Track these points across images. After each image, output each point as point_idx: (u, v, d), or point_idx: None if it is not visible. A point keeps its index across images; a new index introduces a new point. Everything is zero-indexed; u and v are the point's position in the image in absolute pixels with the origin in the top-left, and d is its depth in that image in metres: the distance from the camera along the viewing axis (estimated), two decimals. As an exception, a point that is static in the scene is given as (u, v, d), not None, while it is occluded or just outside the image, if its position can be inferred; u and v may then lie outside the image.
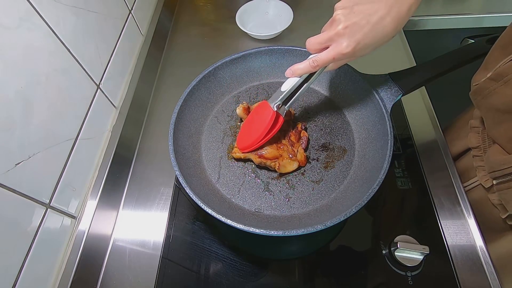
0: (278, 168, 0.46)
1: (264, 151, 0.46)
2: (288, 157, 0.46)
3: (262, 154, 0.46)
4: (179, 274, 0.46)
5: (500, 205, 0.44)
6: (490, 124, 0.44)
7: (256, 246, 0.49)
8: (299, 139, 0.49)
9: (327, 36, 0.37)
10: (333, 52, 0.37)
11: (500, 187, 0.41)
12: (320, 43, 0.37)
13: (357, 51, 0.36)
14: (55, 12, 0.41)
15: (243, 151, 0.48)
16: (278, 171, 0.46)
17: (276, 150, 0.46)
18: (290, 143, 0.48)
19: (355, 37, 0.35)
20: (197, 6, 0.86)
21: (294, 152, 0.47)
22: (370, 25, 0.34)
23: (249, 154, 0.47)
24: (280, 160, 0.46)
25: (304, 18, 0.78)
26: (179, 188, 0.54)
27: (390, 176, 0.53)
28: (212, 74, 0.53)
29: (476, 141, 0.49)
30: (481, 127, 0.49)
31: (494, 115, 0.42)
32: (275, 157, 0.46)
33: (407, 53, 0.71)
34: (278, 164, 0.46)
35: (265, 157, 0.46)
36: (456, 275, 0.44)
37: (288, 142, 0.48)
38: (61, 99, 0.43)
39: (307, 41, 0.39)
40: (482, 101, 0.44)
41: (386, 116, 0.45)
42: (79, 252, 0.44)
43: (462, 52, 0.49)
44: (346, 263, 0.46)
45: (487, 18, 0.80)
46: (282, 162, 0.46)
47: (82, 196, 0.48)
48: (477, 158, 0.48)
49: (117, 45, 0.58)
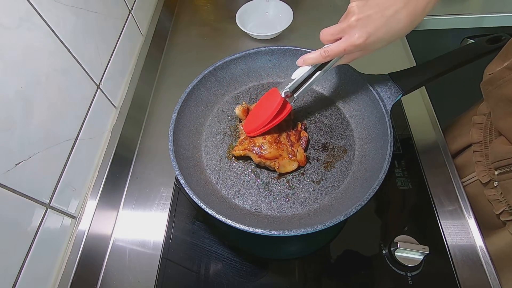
0: (277, 168, 0.46)
1: (264, 151, 0.46)
2: (287, 157, 0.47)
3: (262, 154, 0.46)
4: (179, 274, 0.46)
5: (495, 201, 0.44)
6: (498, 115, 0.44)
7: (256, 246, 0.49)
8: (299, 139, 0.49)
9: (339, 27, 0.37)
10: (344, 43, 0.37)
11: (503, 177, 0.42)
12: (333, 34, 0.37)
13: (368, 44, 0.36)
14: (55, 12, 0.41)
15: (248, 134, 0.48)
16: (278, 171, 0.46)
17: (276, 150, 0.46)
18: (290, 143, 0.48)
19: (367, 29, 0.35)
20: (197, 6, 0.86)
21: (293, 152, 0.47)
22: (384, 19, 0.34)
23: (249, 153, 0.47)
24: (279, 160, 0.46)
25: (304, 18, 0.78)
26: (179, 188, 0.54)
27: (390, 176, 0.53)
28: (212, 74, 0.53)
29: (478, 136, 0.49)
30: (484, 123, 0.49)
31: (504, 106, 0.42)
32: (274, 157, 0.46)
33: (407, 53, 0.71)
34: (278, 164, 0.46)
35: (264, 157, 0.46)
36: (456, 275, 0.44)
37: (288, 142, 0.48)
38: (61, 99, 0.43)
39: (320, 32, 0.39)
40: (493, 92, 0.44)
41: (386, 116, 0.45)
42: (79, 252, 0.44)
43: (462, 52, 0.49)
44: (346, 263, 0.46)
45: (487, 18, 0.80)
46: (282, 162, 0.46)
47: (82, 196, 0.48)
48: (477, 153, 0.49)
49: (117, 45, 0.58)
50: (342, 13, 0.38)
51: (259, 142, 0.47)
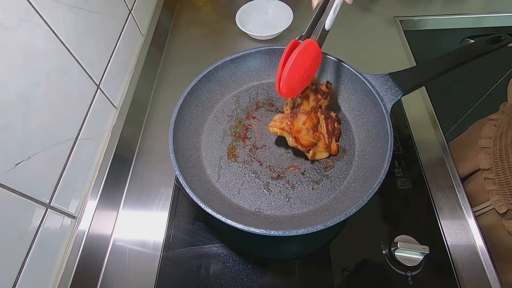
0: (310, 156, 0.47)
1: (301, 138, 0.46)
2: (322, 147, 0.47)
3: (298, 140, 0.46)
4: (179, 274, 0.46)
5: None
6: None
7: (256, 246, 0.49)
8: (334, 129, 0.50)
9: None
10: None
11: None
12: None
13: None
14: (55, 12, 0.41)
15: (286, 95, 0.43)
16: (310, 158, 0.47)
17: (313, 138, 0.47)
18: (328, 132, 0.48)
19: None
20: (197, 6, 0.86)
21: (329, 143, 0.48)
22: None
23: (285, 134, 0.46)
24: (314, 149, 0.47)
25: (304, 18, 0.77)
26: (179, 188, 0.54)
27: (390, 176, 0.53)
28: (212, 74, 0.53)
29: (487, 162, 0.47)
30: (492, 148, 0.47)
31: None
32: (310, 144, 0.47)
33: (407, 53, 0.71)
34: (312, 152, 0.47)
35: (300, 143, 0.46)
36: (456, 275, 0.44)
37: (326, 131, 0.48)
38: (61, 99, 0.43)
39: None
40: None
41: (386, 116, 0.45)
42: (79, 252, 0.44)
43: (462, 52, 0.49)
44: (346, 263, 0.46)
45: (487, 18, 0.80)
46: (316, 151, 0.47)
47: (82, 196, 0.48)
48: (490, 181, 0.47)
49: (117, 45, 0.58)
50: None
51: (298, 126, 0.46)
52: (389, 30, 0.77)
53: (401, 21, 0.79)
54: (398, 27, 0.77)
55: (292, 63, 0.40)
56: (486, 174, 0.47)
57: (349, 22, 0.79)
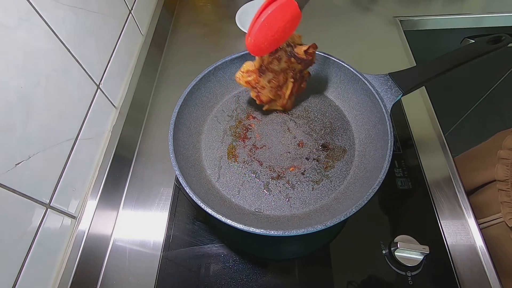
0: (265, 108, 0.50)
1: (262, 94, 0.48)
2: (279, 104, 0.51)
3: (259, 95, 0.48)
4: (179, 274, 0.46)
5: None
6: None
7: (256, 246, 0.49)
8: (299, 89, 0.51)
9: None
10: None
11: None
12: None
13: None
14: (55, 12, 0.41)
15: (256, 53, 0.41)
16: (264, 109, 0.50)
17: (273, 97, 0.49)
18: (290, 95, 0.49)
19: None
20: (197, 6, 0.86)
21: (285, 103, 0.50)
22: None
23: (250, 87, 0.48)
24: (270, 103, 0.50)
25: (304, 18, 0.77)
26: (179, 188, 0.54)
27: (390, 176, 0.53)
28: (212, 74, 0.53)
29: (504, 174, 0.46)
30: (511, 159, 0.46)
31: None
32: (268, 101, 0.49)
33: (407, 53, 0.71)
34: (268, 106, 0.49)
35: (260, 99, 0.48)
36: (456, 275, 0.44)
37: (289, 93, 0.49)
38: (61, 99, 0.43)
39: None
40: None
41: (386, 116, 0.45)
42: (79, 252, 0.44)
43: (462, 52, 0.49)
44: (346, 263, 0.46)
45: (487, 18, 0.80)
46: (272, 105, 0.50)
47: (82, 196, 0.48)
48: (503, 192, 0.46)
49: (117, 45, 0.58)
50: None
51: (263, 83, 0.47)
52: (389, 30, 0.77)
53: (401, 21, 0.79)
54: (398, 27, 0.77)
55: (265, 19, 0.37)
56: (501, 185, 0.47)
57: (349, 22, 0.79)
